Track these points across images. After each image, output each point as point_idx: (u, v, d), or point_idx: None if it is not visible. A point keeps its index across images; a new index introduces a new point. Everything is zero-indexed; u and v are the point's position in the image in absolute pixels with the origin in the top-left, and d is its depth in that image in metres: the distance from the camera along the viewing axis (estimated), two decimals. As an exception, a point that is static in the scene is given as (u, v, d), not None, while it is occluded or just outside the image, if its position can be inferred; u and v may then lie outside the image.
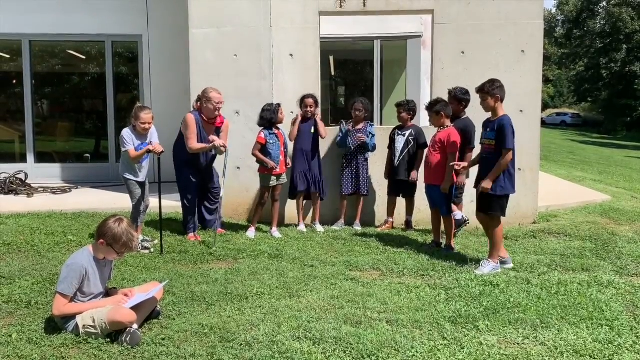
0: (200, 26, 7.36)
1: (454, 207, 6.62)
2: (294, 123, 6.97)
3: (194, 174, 6.43)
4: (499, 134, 5.27)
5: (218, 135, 6.41)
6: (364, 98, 7.42)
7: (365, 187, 7.21)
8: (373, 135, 7.18)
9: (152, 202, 6.16)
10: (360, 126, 7.18)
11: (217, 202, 6.68)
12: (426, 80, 9.47)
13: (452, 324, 3.99)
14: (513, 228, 7.02)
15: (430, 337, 3.76)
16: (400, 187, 7.11)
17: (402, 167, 7.01)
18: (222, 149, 6.27)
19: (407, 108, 7.11)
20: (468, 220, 6.82)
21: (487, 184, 5.30)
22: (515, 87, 7.01)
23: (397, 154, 7.03)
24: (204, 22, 7.36)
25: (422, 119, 9.31)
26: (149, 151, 5.79)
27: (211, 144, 6.27)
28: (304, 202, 7.21)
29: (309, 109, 6.95)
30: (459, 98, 6.56)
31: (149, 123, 5.78)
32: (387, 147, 7.26)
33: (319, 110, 7.13)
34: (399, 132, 7.11)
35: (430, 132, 7.11)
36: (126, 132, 5.75)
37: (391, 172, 7.15)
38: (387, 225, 7.24)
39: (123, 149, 5.76)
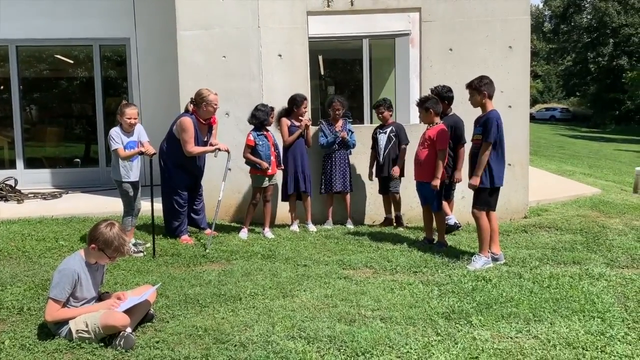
0: (188, 28, 7.34)
1: (448, 211, 6.66)
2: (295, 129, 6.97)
3: (187, 177, 6.42)
4: (484, 128, 5.33)
5: (211, 134, 6.42)
6: (339, 96, 7.48)
7: (349, 184, 7.23)
8: (352, 132, 7.23)
9: (143, 205, 6.15)
10: (339, 124, 7.21)
11: (202, 202, 6.71)
12: (415, 78, 9.50)
13: (445, 319, 4.01)
14: (504, 223, 7.05)
15: (424, 333, 3.78)
16: (388, 184, 7.12)
17: (387, 164, 7.03)
18: (226, 152, 6.38)
19: (387, 106, 7.17)
20: (460, 226, 6.85)
21: (474, 181, 5.36)
22: (504, 82, 7.04)
23: (381, 152, 7.06)
24: (192, 24, 7.34)
25: (412, 115, 9.36)
26: (140, 153, 5.79)
27: (214, 148, 6.30)
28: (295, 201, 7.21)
29: (307, 109, 7.04)
30: (442, 96, 6.57)
31: (134, 118, 5.78)
32: (370, 147, 7.27)
33: (308, 115, 7.16)
34: (380, 131, 7.15)
35: (413, 129, 7.15)
36: (114, 131, 5.76)
37: (377, 170, 7.17)
38: (387, 222, 7.26)
39: (112, 148, 5.75)
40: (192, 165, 6.41)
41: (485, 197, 5.42)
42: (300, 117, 7.02)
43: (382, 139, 7.07)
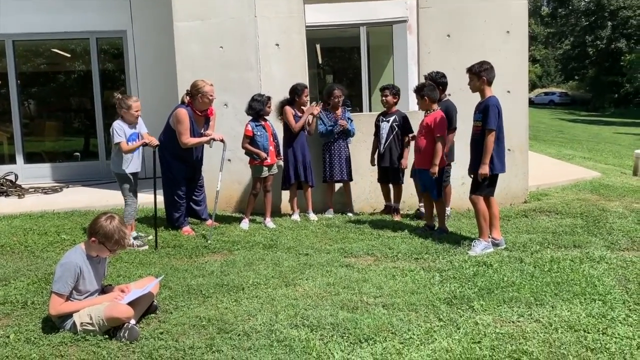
0: (185, 19, 7.31)
1: None
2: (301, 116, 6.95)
3: (185, 168, 6.42)
4: (484, 115, 5.33)
5: (207, 126, 6.42)
6: (337, 84, 7.43)
7: (349, 172, 7.22)
8: (351, 120, 7.20)
9: (145, 197, 6.15)
10: (338, 112, 7.19)
11: (202, 193, 6.70)
12: (413, 65, 9.47)
13: (447, 305, 4.03)
14: (504, 208, 7.06)
15: (426, 319, 3.80)
16: (388, 173, 7.10)
17: (388, 153, 6.98)
18: (221, 142, 6.34)
19: (394, 92, 7.07)
20: (449, 213, 6.84)
21: (483, 170, 5.34)
22: (502, 67, 6.98)
23: (383, 141, 6.98)
24: (188, 15, 7.31)
25: (411, 103, 9.34)
26: (145, 144, 5.80)
27: (208, 138, 6.29)
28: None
29: (308, 97, 7.04)
30: (436, 82, 6.52)
31: (140, 111, 5.81)
32: (373, 134, 7.24)
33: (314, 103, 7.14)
34: (383, 119, 7.07)
35: (412, 116, 7.12)
36: (117, 124, 5.73)
37: (378, 159, 7.14)
38: (387, 210, 7.26)
39: (115, 141, 5.73)
40: (189, 156, 6.40)
41: (484, 184, 5.43)
42: (302, 107, 7.00)
43: (385, 127, 7.00)
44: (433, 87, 6.16)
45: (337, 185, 7.42)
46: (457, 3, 7.27)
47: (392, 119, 6.99)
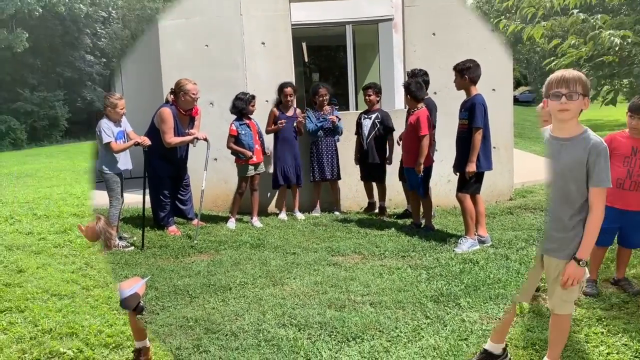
0: (169, 17, 7.26)
1: None
2: (274, 123, 6.92)
3: (170, 167, 6.38)
4: (471, 113, 5.35)
5: (192, 125, 6.38)
6: (323, 82, 7.42)
7: (338, 171, 7.22)
8: (339, 119, 7.18)
9: (126, 197, 6.10)
10: (327, 110, 7.18)
11: (188, 192, 6.67)
12: (399, 63, 9.47)
13: (434, 302, 4.05)
14: (490, 205, 7.09)
15: (413, 316, 3.81)
16: (371, 171, 7.08)
17: (371, 151, 6.95)
18: (205, 141, 6.29)
19: (376, 90, 7.06)
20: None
21: (470, 167, 5.36)
22: (487, 66, 7.01)
23: (365, 139, 6.96)
24: (173, 13, 7.27)
25: (397, 101, 9.35)
26: (137, 144, 5.76)
27: (192, 137, 6.25)
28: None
29: (289, 98, 6.94)
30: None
31: (124, 108, 5.77)
32: (354, 133, 7.22)
33: (299, 111, 7.10)
34: (365, 116, 7.05)
35: (398, 114, 7.12)
36: (105, 124, 5.65)
37: (361, 156, 7.13)
38: (371, 207, 7.26)
39: (103, 141, 5.65)
40: (173, 156, 6.37)
41: (470, 182, 5.45)
42: (288, 104, 6.97)
43: (367, 124, 6.99)
44: (420, 85, 6.14)
45: (324, 184, 7.41)
46: (443, 2, 7.30)
47: (374, 116, 6.97)
